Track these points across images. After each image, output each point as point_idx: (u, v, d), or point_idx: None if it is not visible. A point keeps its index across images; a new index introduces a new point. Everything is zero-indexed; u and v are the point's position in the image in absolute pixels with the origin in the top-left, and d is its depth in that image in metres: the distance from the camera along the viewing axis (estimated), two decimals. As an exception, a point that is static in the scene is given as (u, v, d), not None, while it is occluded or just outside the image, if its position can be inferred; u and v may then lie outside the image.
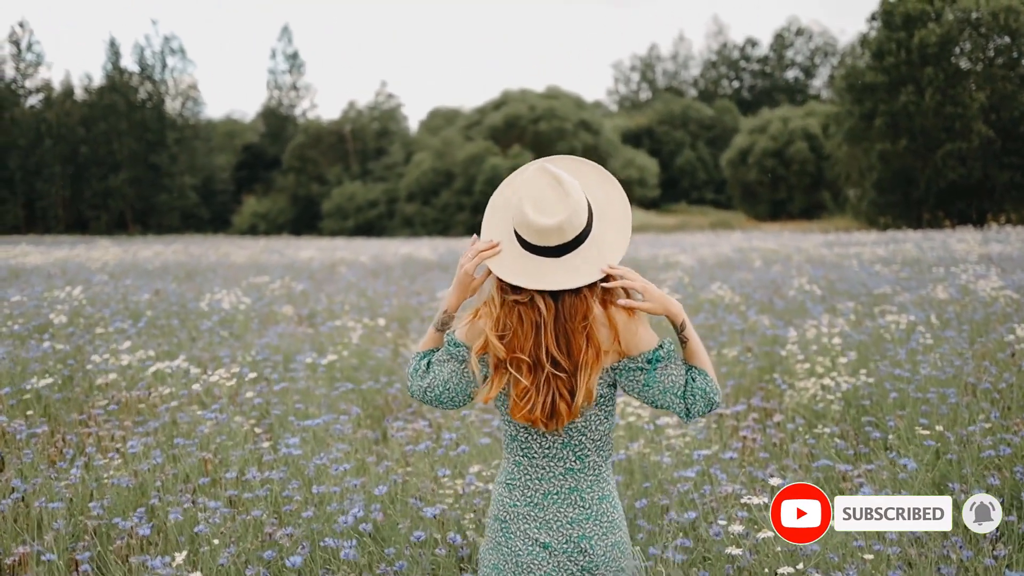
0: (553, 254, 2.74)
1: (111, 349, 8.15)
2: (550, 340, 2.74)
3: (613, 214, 2.84)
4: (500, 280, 2.80)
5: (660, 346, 2.80)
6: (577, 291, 2.75)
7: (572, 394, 2.75)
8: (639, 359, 2.78)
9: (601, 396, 2.81)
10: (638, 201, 70.01)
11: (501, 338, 2.77)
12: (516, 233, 2.79)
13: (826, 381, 6.87)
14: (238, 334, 10.16)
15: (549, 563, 2.82)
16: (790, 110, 70.10)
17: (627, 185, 67.36)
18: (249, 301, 11.14)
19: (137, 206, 73.44)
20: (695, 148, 78.97)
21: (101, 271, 18.58)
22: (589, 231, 2.78)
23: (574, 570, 2.82)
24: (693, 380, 2.80)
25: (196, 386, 6.16)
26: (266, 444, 5.66)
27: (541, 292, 2.75)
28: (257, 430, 6.14)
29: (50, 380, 7.12)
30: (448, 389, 2.90)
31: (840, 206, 61.24)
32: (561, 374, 2.74)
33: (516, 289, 2.77)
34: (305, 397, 7.12)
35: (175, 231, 68.71)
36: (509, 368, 2.77)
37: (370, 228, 62.65)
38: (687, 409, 2.81)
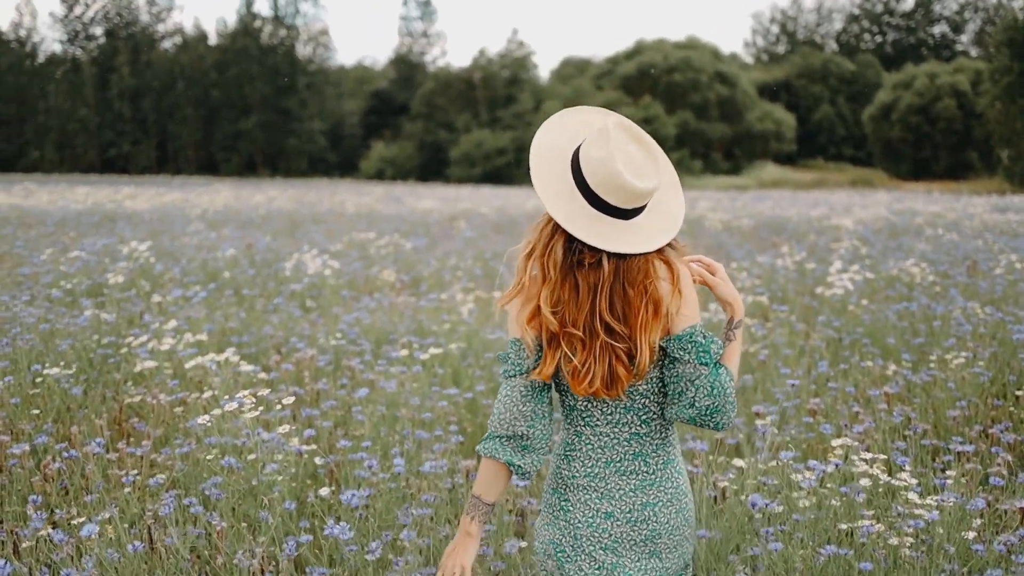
0: (625, 215, 2.61)
1: (156, 330, 6.50)
2: (604, 305, 2.61)
3: (668, 178, 2.76)
4: (567, 238, 2.62)
5: (710, 339, 2.66)
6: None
7: (630, 357, 2.62)
8: (685, 342, 2.62)
9: (659, 359, 2.69)
10: (774, 156, 70.20)
11: (554, 312, 2.62)
12: (589, 191, 2.60)
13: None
14: (326, 306, 8.41)
15: (611, 533, 2.71)
16: (937, 66, 68.33)
17: (763, 139, 66.70)
18: (337, 265, 9.32)
19: (267, 150, 74.26)
20: (834, 103, 77.24)
21: (200, 218, 17.12)
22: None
23: (636, 539, 2.71)
24: (717, 375, 2.64)
25: (242, 398, 4.34)
26: (323, 492, 3.88)
27: (611, 253, 2.60)
28: (318, 460, 4.37)
29: (71, 371, 5.50)
30: (531, 408, 2.71)
31: (990, 167, 59.25)
32: (617, 341, 2.61)
33: (589, 249, 2.61)
34: (391, 404, 5.29)
35: (303, 175, 69.15)
36: (562, 344, 2.63)
37: (497, 176, 62.09)
38: (691, 402, 2.64)
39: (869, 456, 4.07)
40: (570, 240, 2.63)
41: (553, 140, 2.73)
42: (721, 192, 42.43)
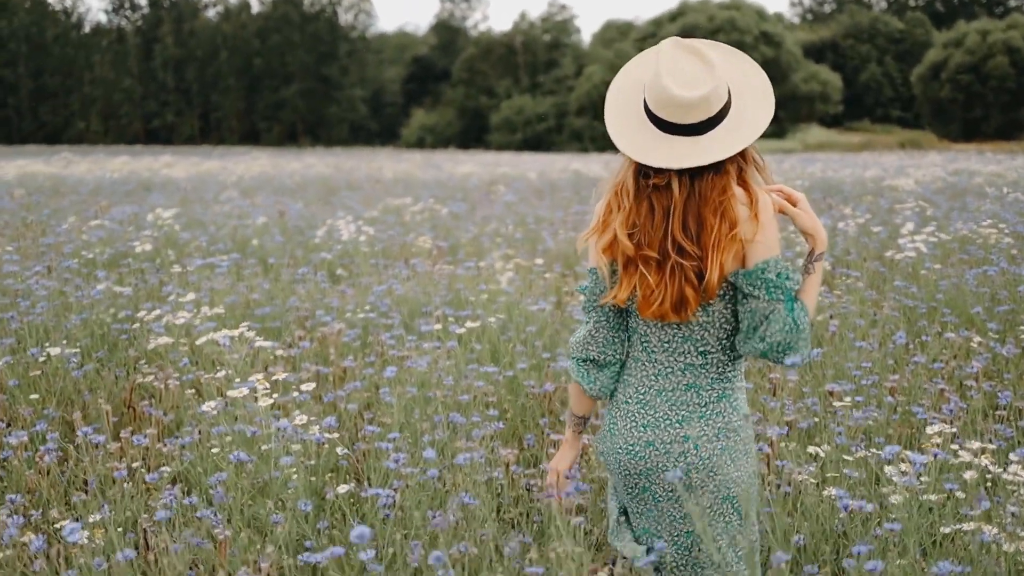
0: (695, 132, 2.58)
1: (176, 302, 6.02)
2: (676, 226, 2.61)
3: (752, 89, 2.68)
4: (636, 167, 2.65)
5: (784, 275, 2.62)
6: (719, 167, 2.60)
7: (700, 277, 2.62)
8: (755, 278, 2.61)
9: (725, 294, 2.69)
10: (819, 118, 69.65)
11: (630, 236, 2.65)
12: (652, 114, 2.62)
13: None
14: (357, 274, 7.89)
15: (650, 460, 2.75)
16: (989, 23, 67.51)
17: (808, 101, 65.98)
18: (372, 231, 8.78)
19: (308, 118, 74.40)
20: (882, 63, 76.65)
21: (235, 186, 16.66)
22: (730, 105, 2.63)
23: (670, 468, 2.71)
24: (792, 311, 2.63)
25: (254, 382, 3.85)
26: (342, 489, 3.38)
27: (680, 173, 2.60)
28: (340, 450, 3.87)
29: (76, 349, 5.03)
30: (605, 336, 2.81)
31: None
32: (687, 261, 2.61)
33: (655, 171, 2.62)
34: (422, 384, 4.77)
35: (344, 143, 69.29)
36: (640, 266, 2.65)
37: (538, 142, 61.81)
38: (763, 336, 2.64)
39: (976, 446, 3.49)
40: (640, 167, 2.65)
41: (632, 73, 2.76)
42: (768, 155, 41.26)
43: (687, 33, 63.95)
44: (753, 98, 2.68)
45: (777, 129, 66.03)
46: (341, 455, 3.95)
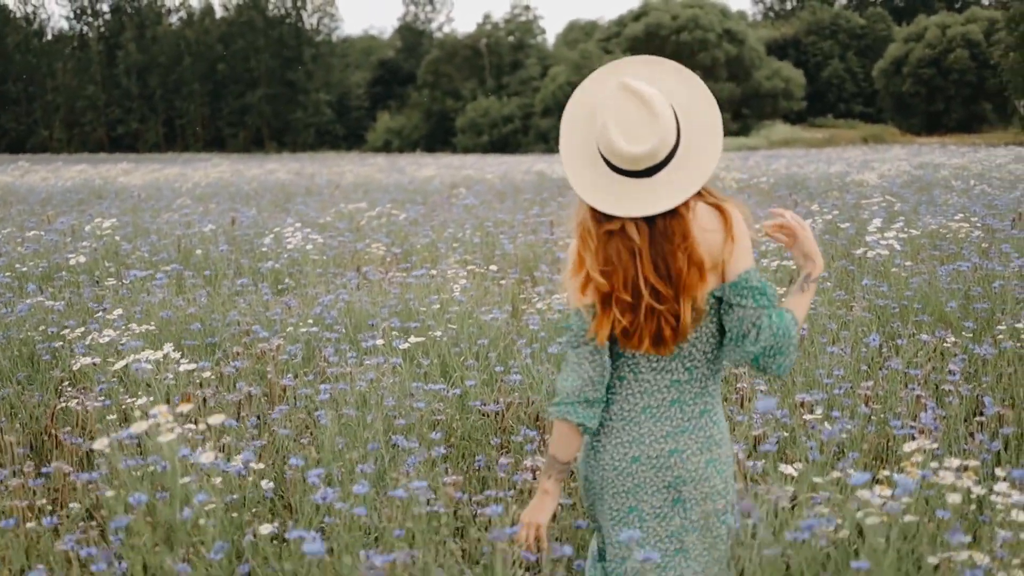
0: (644, 175, 2.58)
1: (103, 320, 5.64)
2: (648, 268, 2.62)
3: (700, 119, 2.66)
4: (592, 210, 2.65)
5: (765, 283, 2.66)
6: (673, 210, 2.60)
7: (677, 318, 2.64)
8: (740, 288, 2.64)
9: (711, 308, 2.70)
10: (783, 115, 69.98)
11: (603, 273, 2.64)
12: (602, 155, 2.62)
13: None
14: (304, 285, 7.51)
15: (637, 476, 2.74)
16: (949, 16, 68.10)
17: (772, 98, 66.14)
18: (320, 239, 8.37)
19: (273, 123, 73.88)
20: (844, 59, 76.91)
21: (190, 193, 16.20)
22: (679, 145, 2.63)
23: (660, 484, 2.73)
24: (781, 316, 2.66)
25: (157, 414, 3.47)
26: (264, 530, 3.03)
27: (633, 218, 2.61)
28: (265, 483, 3.51)
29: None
30: (599, 374, 2.74)
31: (1005, 118, 59.71)
32: (662, 305, 2.62)
33: (608, 217, 2.63)
34: (363, 405, 4.41)
35: (310, 148, 68.86)
36: (613, 308, 2.65)
37: (504, 144, 61.67)
38: (755, 340, 2.64)
39: (956, 463, 3.17)
40: (595, 209, 2.65)
41: (586, 104, 2.70)
42: (731, 152, 41.44)
43: (652, 31, 63.85)
44: (702, 128, 2.66)
45: (742, 126, 66.27)
46: (267, 488, 3.60)
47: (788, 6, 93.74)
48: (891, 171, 19.85)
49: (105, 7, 77.05)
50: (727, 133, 63.76)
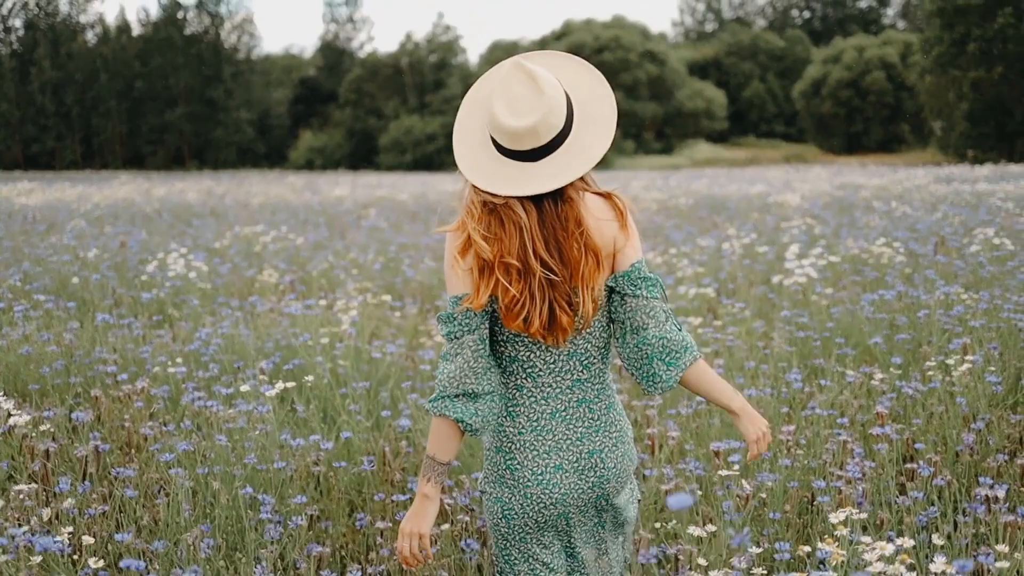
0: (529, 158, 2.52)
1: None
2: (538, 244, 2.52)
3: (597, 112, 2.60)
4: (474, 187, 2.58)
5: (656, 275, 2.64)
6: (561, 195, 2.54)
7: (571, 305, 2.55)
8: (634, 278, 2.59)
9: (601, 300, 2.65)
10: (705, 134, 71.05)
11: (485, 238, 2.52)
12: (491, 136, 2.56)
13: None
14: (179, 318, 6.90)
15: (562, 485, 2.65)
16: (865, 39, 69.81)
17: (694, 117, 66.97)
18: (204, 266, 7.75)
19: (194, 141, 72.93)
20: (764, 80, 78.21)
21: (88, 214, 15.39)
22: (568, 132, 2.55)
23: (585, 487, 2.67)
24: (674, 317, 2.65)
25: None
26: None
27: (519, 198, 2.52)
28: (92, 562, 2.97)
29: None
30: (483, 365, 2.58)
31: (922, 139, 60.50)
32: (556, 279, 2.53)
33: (491, 192, 2.55)
34: (224, 462, 3.86)
35: (232, 166, 68.00)
36: (496, 272, 2.52)
37: (428, 162, 61.57)
38: (649, 334, 2.58)
39: (889, 548, 2.72)
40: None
41: (483, 89, 2.65)
42: (654, 172, 41.48)
43: (574, 51, 64.17)
44: (594, 124, 2.58)
45: (664, 145, 66.72)
46: (95, 567, 3.05)
47: (708, 28, 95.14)
48: (812, 191, 19.76)
49: (18, 23, 75.25)
50: (650, 152, 64.43)
